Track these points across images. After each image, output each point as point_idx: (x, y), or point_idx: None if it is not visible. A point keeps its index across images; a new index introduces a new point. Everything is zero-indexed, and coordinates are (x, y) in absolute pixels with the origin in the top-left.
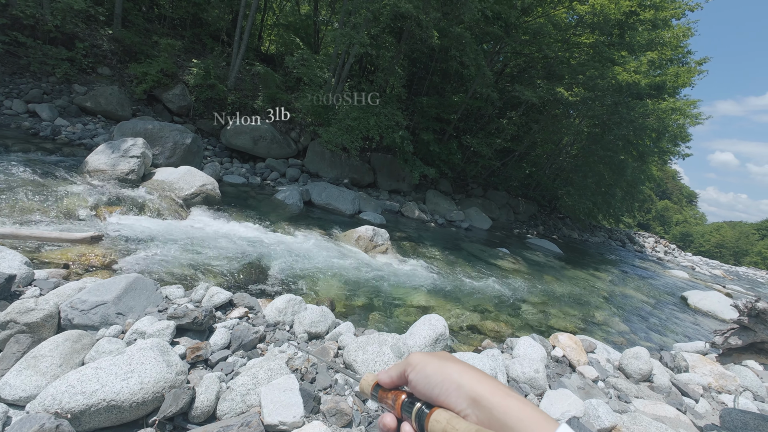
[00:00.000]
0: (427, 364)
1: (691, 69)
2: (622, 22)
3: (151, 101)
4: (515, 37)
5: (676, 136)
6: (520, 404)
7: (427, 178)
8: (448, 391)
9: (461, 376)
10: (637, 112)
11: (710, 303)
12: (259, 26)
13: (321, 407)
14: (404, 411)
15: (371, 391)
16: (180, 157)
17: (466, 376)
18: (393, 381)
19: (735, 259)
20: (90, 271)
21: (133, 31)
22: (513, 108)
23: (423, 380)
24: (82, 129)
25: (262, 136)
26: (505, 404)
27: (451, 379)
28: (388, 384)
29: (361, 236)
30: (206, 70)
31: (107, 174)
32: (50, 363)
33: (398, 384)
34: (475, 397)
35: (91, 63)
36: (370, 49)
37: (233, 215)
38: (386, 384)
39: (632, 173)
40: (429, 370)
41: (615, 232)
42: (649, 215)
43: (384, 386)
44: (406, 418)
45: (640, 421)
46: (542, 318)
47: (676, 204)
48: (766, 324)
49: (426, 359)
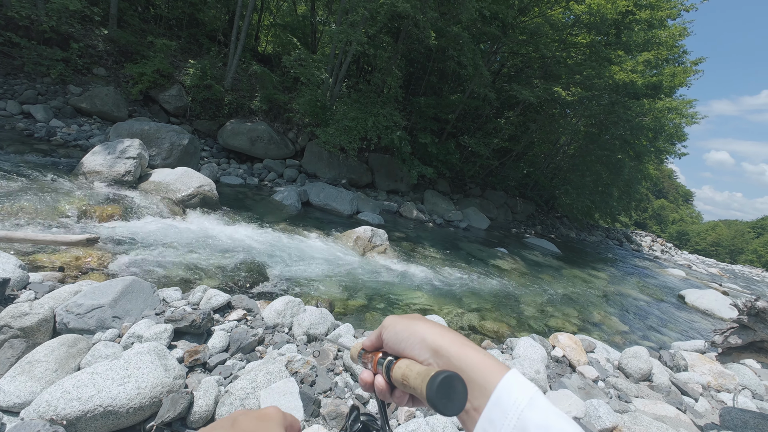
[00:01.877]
0: (397, 323)
1: (686, 69)
2: (619, 22)
3: (147, 102)
4: (512, 37)
5: (673, 135)
6: (475, 353)
7: (425, 178)
8: (413, 345)
9: (425, 332)
10: (634, 111)
11: (707, 301)
12: (256, 26)
13: (321, 410)
14: (378, 366)
15: (357, 355)
16: (177, 158)
17: (430, 331)
18: (373, 343)
19: (731, 258)
20: (86, 274)
21: (128, 32)
22: (510, 108)
23: (393, 337)
24: (78, 130)
25: (260, 136)
26: (462, 353)
27: (417, 334)
28: (369, 347)
29: (360, 237)
30: (203, 70)
31: (103, 175)
32: (45, 368)
33: (377, 346)
34: (436, 348)
35: (86, 63)
36: (367, 47)
37: (231, 216)
38: (367, 347)
39: (629, 172)
40: (398, 328)
41: (612, 232)
42: (646, 214)
43: (366, 349)
44: (379, 371)
45: (640, 421)
46: (541, 318)
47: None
48: (765, 323)
49: (396, 320)
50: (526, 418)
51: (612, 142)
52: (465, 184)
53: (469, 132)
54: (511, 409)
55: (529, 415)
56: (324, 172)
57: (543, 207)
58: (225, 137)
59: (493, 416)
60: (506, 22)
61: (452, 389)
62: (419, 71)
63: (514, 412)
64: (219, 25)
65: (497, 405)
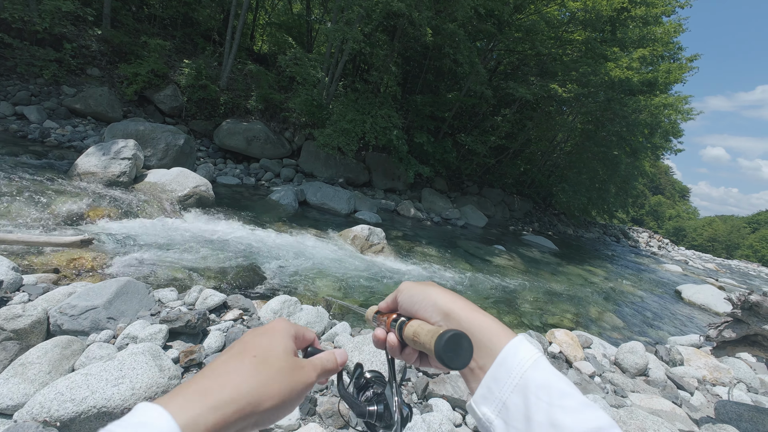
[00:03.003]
0: (412, 287)
1: (682, 65)
2: (614, 19)
3: (142, 102)
4: (508, 34)
5: (669, 131)
6: (484, 317)
7: (422, 177)
8: (425, 307)
9: (437, 296)
10: (630, 108)
11: (704, 296)
12: (251, 26)
13: (317, 409)
14: (392, 326)
15: (372, 317)
16: (172, 158)
17: (442, 295)
18: (388, 305)
19: (727, 253)
20: (81, 276)
21: (122, 32)
22: (507, 105)
23: (407, 300)
24: (72, 131)
25: (256, 136)
26: (471, 316)
27: (429, 298)
28: (384, 308)
29: (357, 236)
30: (198, 70)
31: (98, 176)
32: (38, 370)
33: (392, 308)
34: (447, 311)
35: (79, 64)
36: (363, 45)
37: (227, 217)
38: (383, 309)
39: (626, 169)
40: (413, 291)
41: (609, 228)
42: (643, 210)
43: (382, 311)
44: (392, 330)
45: (636, 416)
46: (538, 314)
47: (669, 199)
48: (759, 316)
49: (411, 284)
50: (529, 377)
51: (608, 139)
52: (462, 182)
53: (466, 130)
54: (515, 368)
55: (531, 375)
56: (321, 171)
57: (540, 204)
58: (221, 137)
59: (498, 374)
60: (502, 20)
61: (459, 346)
62: (415, 69)
63: (518, 372)
64: (214, 25)
65: (502, 365)
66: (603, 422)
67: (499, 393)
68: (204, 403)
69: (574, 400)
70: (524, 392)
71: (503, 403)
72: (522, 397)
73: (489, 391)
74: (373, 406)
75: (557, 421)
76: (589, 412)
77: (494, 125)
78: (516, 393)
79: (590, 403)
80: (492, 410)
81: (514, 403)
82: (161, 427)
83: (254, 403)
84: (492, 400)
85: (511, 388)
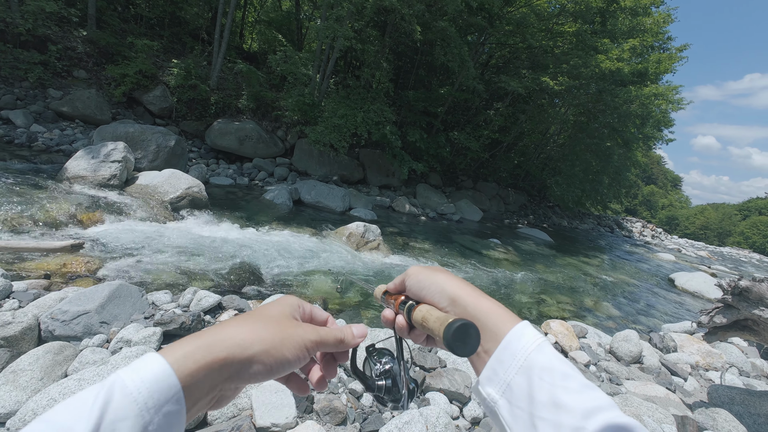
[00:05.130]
0: (420, 273)
1: (672, 55)
2: (603, 10)
3: (131, 104)
4: (499, 27)
5: (660, 121)
6: (490, 303)
7: (416, 173)
8: (433, 293)
9: (445, 282)
10: (621, 98)
11: (696, 284)
12: (240, 23)
13: (314, 406)
14: (400, 308)
15: (381, 296)
16: (164, 160)
17: (449, 282)
18: (396, 287)
19: (719, 240)
20: (73, 281)
21: (108, 32)
22: (500, 99)
23: (416, 285)
24: (60, 135)
25: (248, 135)
26: (477, 302)
27: (437, 283)
28: (393, 290)
29: (352, 233)
30: (187, 70)
31: (88, 180)
32: (30, 377)
33: (399, 290)
34: (454, 297)
35: (65, 66)
36: (354, 42)
37: (221, 217)
38: (391, 290)
39: (618, 160)
40: (421, 277)
41: (603, 219)
42: (636, 201)
43: (390, 292)
44: (401, 312)
45: (631, 402)
46: (535, 306)
47: (662, 188)
48: (749, 302)
49: (419, 270)
50: (533, 360)
51: (600, 130)
52: (457, 176)
53: (460, 125)
54: (519, 351)
55: (535, 357)
56: (315, 169)
57: (535, 197)
58: (213, 137)
59: (503, 357)
60: (492, 13)
61: (467, 335)
62: (407, 65)
63: (522, 354)
64: (202, 23)
65: (507, 348)
66: (603, 402)
67: (503, 374)
68: (194, 343)
69: (575, 382)
70: (528, 374)
71: (507, 384)
72: (526, 378)
73: (494, 372)
74: (382, 381)
75: (559, 401)
76: (590, 392)
77: (487, 119)
78: (520, 374)
79: (591, 384)
80: (496, 391)
81: (517, 383)
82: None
83: (243, 345)
84: (496, 381)
85: (516, 370)
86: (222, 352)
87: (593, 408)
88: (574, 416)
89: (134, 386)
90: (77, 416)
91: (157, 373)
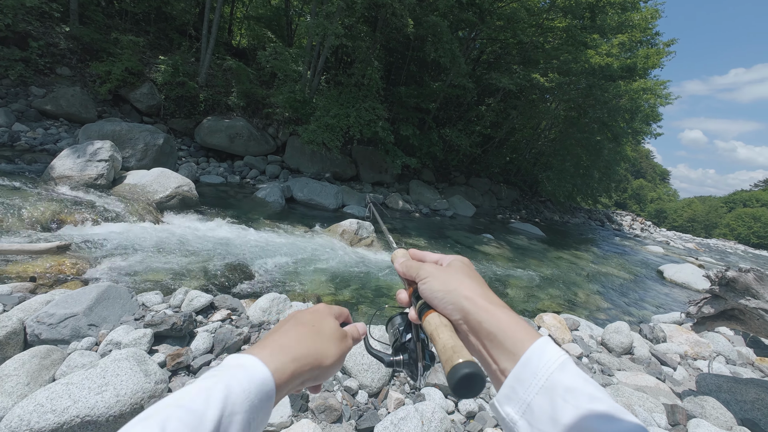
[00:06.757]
0: (433, 281)
1: (659, 50)
2: (593, 5)
3: (117, 101)
4: (490, 23)
5: (648, 116)
6: (508, 318)
7: (409, 169)
8: (445, 305)
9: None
10: (611, 93)
11: (684, 275)
12: (229, 19)
13: (309, 405)
14: (413, 301)
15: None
16: (152, 158)
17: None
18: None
19: (706, 232)
20: (59, 283)
21: (92, 28)
22: (491, 95)
23: (428, 293)
24: (44, 134)
25: (239, 133)
26: (493, 318)
27: (451, 295)
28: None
29: (346, 230)
30: (174, 66)
31: (74, 180)
32: (16, 382)
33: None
34: (467, 312)
35: (48, 63)
36: (345, 39)
37: (212, 216)
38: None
39: (608, 154)
40: (434, 286)
41: (594, 213)
42: (626, 194)
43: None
44: (413, 304)
45: (622, 393)
46: (528, 300)
47: (651, 182)
48: (735, 292)
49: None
50: (555, 379)
51: (591, 125)
52: (449, 172)
53: (452, 121)
54: (541, 370)
55: (558, 377)
56: (307, 166)
57: (527, 192)
58: (202, 135)
59: (522, 376)
60: (483, 8)
61: (471, 382)
62: (399, 60)
63: (544, 374)
64: (189, 19)
65: (527, 366)
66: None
67: (523, 394)
68: (286, 355)
69: (603, 404)
70: (551, 394)
71: (528, 405)
72: (548, 399)
73: (513, 391)
74: (399, 356)
75: (585, 426)
76: (620, 417)
77: (479, 115)
78: (541, 395)
79: (620, 408)
80: (516, 411)
81: (539, 405)
82: (257, 369)
83: (319, 359)
84: (516, 401)
85: (537, 390)
86: (307, 366)
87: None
88: None
89: (248, 386)
90: (206, 403)
91: (263, 378)
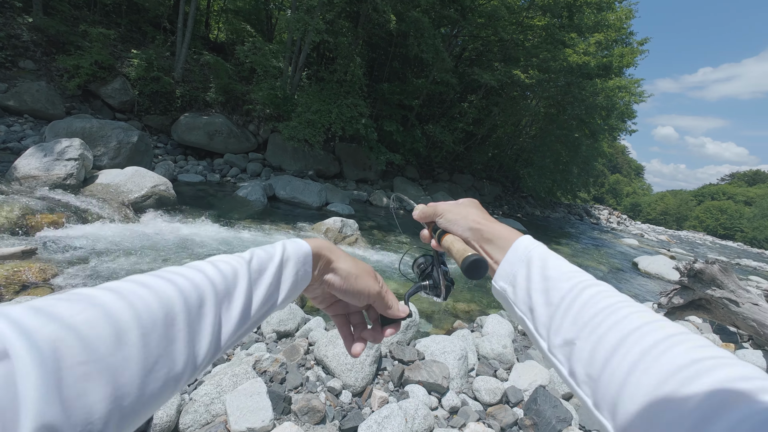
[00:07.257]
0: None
1: (634, 49)
2: (570, 5)
3: (87, 97)
4: (471, 20)
5: (623, 113)
6: (501, 227)
7: (393, 166)
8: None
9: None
10: (588, 91)
11: (657, 266)
12: (205, 12)
13: (292, 407)
14: (433, 233)
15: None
16: (126, 157)
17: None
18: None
19: (677, 225)
20: (25, 290)
21: (57, 20)
22: (473, 92)
23: (446, 222)
24: (7, 131)
25: (218, 130)
26: (491, 228)
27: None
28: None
29: (330, 228)
30: (148, 61)
31: (41, 180)
32: None
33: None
34: (473, 227)
35: (9, 56)
36: (326, 35)
37: (191, 216)
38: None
39: (586, 150)
40: (450, 216)
41: (573, 207)
42: (603, 189)
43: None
44: (433, 237)
45: None
46: None
47: (626, 177)
48: (702, 283)
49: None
50: (531, 254)
51: (569, 122)
52: (433, 169)
53: (435, 117)
54: (522, 251)
55: (533, 252)
56: (289, 164)
57: (509, 188)
58: (179, 132)
59: (510, 258)
60: (464, 5)
61: (477, 267)
62: (382, 57)
63: (524, 252)
64: (163, 11)
65: (514, 252)
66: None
67: (510, 269)
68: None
69: (566, 266)
70: (528, 264)
71: (513, 275)
72: (526, 267)
73: (504, 270)
74: (426, 281)
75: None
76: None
77: (462, 112)
78: (521, 265)
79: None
80: (506, 282)
81: (520, 273)
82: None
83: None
84: (506, 276)
85: (518, 264)
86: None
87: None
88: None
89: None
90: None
91: (307, 249)
